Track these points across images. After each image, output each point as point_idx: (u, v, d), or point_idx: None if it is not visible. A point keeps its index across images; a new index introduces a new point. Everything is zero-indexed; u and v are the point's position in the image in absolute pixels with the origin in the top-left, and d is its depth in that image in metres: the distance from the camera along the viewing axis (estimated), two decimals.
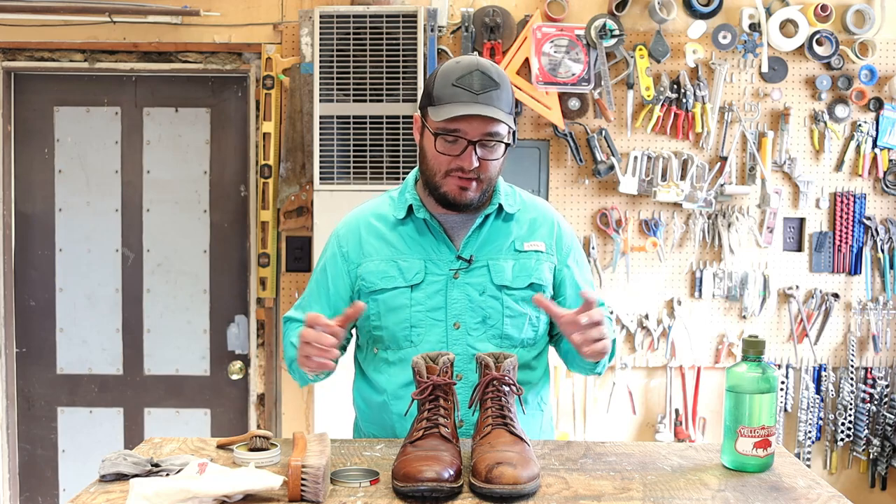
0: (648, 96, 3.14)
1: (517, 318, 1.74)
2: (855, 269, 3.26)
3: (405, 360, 1.71)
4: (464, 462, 1.42)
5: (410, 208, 1.77)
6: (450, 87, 1.66)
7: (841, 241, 3.25)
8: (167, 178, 3.36)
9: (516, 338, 1.75)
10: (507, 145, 1.69)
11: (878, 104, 3.21)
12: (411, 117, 2.62)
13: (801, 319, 3.25)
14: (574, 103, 3.16)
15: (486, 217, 1.77)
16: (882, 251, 3.25)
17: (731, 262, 3.21)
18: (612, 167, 3.15)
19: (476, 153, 1.65)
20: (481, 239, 1.76)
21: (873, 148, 3.23)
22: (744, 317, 3.25)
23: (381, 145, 2.95)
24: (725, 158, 3.18)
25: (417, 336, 1.73)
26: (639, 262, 3.24)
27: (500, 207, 1.78)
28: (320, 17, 2.94)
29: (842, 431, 3.27)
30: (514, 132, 1.73)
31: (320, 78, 2.95)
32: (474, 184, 1.69)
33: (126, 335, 3.39)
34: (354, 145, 2.96)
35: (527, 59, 3.12)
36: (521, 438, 1.43)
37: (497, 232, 1.78)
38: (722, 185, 3.17)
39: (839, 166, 3.24)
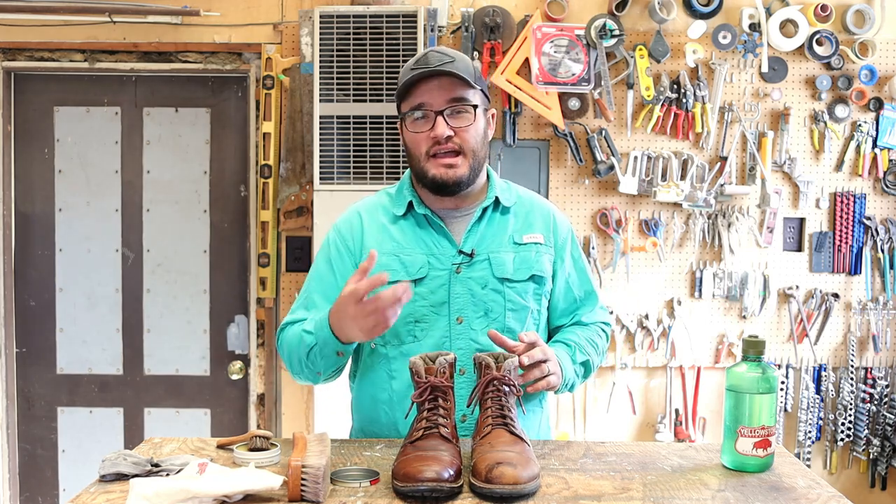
0: (648, 96, 3.14)
1: (519, 312, 1.75)
2: (855, 269, 3.26)
3: (408, 356, 1.70)
4: (464, 462, 1.42)
5: (410, 205, 1.77)
6: (408, 71, 1.71)
7: (841, 241, 3.25)
8: (167, 178, 3.36)
9: (518, 331, 1.75)
10: (476, 107, 1.71)
11: (878, 104, 3.21)
12: None
13: (801, 319, 3.25)
14: (574, 103, 3.16)
15: (484, 210, 1.77)
16: (882, 251, 3.25)
17: (731, 262, 3.21)
18: (612, 167, 3.15)
19: (446, 122, 1.67)
20: (480, 232, 1.77)
21: (873, 148, 3.23)
22: (744, 317, 3.25)
23: (381, 145, 2.96)
24: (725, 158, 3.18)
25: (421, 331, 1.73)
26: (639, 262, 3.24)
27: (497, 200, 1.79)
28: (320, 17, 2.94)
29: (842, 431, 3.27)
30: (485, 102, 1.77)
31: (320, 78, 2.95)
32: (459, 158, 1.70)
33: (126, 335, 3.39)
34: (354, 145, 2.96)
35: (527, 59, 3.12)
36: (521, 438, 1.43)
37: (496, 225, 1.79)
38: (722, 185, 3.17)
39: (839, 166, 3.24)
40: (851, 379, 3.26)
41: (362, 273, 1.54)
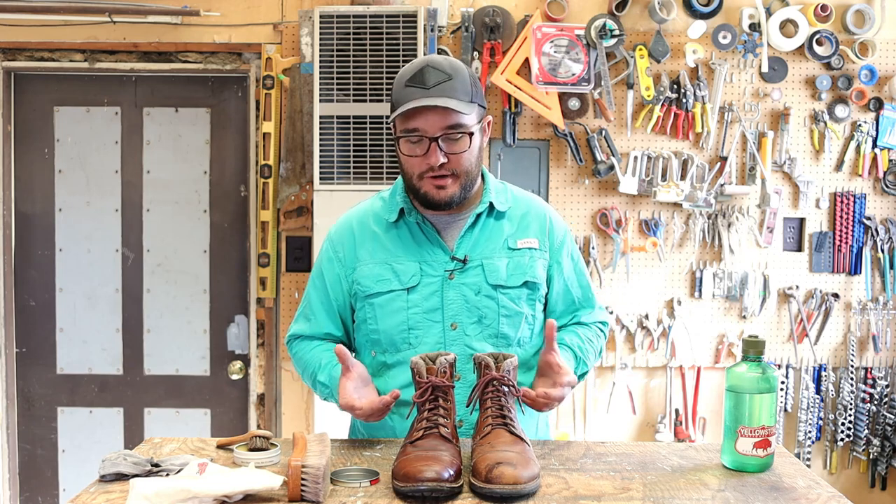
0: (648, 96, 3.14)
1: (513, 317, 1.75)
2: (855, 269, 3.26)
3: (404, 363, 1.71)
4: (464, 462, 1.42)
5: (402, 211, 1.77)
6: (403, 88, 1.66)
7: (841, 241, 3.25)
8: (167, 178, 3.36)
9: (513, 337, 1.75)
10: (472, 134, 1.67)
11: (878, 104, 3.21)
12: None
13: (801, 319, 3.25)
14: (574, 103, 3.16)
15: (478, 216, 1.77)
16: (882, 251, 3.25)
17: (731, 262, 3.21)
18: (612, 167, 3.15)
19: (441, 149, 1.65)
20: (474, 238, 1.76)
21: (873, 148, 3.23)
22: (744, 317, 3.25)
23: (381, 145, 2.96)
24: (725, 158, 3.18)
25: (415, 338, 1.73)
26: (639, 262, 3.24)
27: (491, 206, 1.78)
28: (320, 17, 2.94)
29: (842, 431, 3.27)
30: (481, 113, 1.71)
31: (320, 78, 2.95)
32: (450, 180, 1.68)
33: (126, 335, 3.39)
34: (354, 145, 2.96)
35: (527, 59, 3.12)
36: (521, 438, 1.43)
37: (489, 231, 1.78)
38: (722, 185, 3.17)
39: (839, 166, 3.24)
40: (851, 379, 3.26)
41: (344, 364, 1.61)
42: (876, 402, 3.27)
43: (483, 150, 1.76)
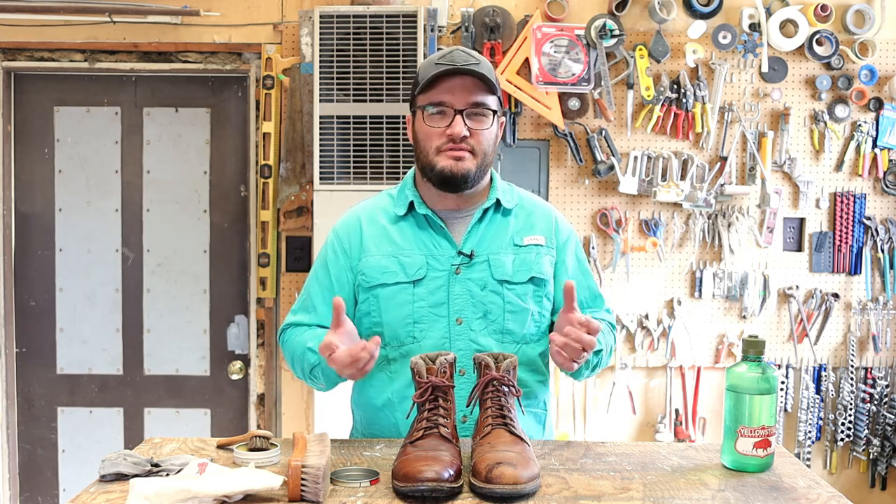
0: (648, 96, 3.14)
1: (518, 314, 1.74)
2: (855, 269, 3.26)
3: (408, 357, 1.70)
4: (464, 462, 1.42)
5: (411, 205, 1.77)
6: (433, 66, 1.71)
7: (841, 241, 3.25)
8: (167, 178, 3.36)
9: (518, 333, 1.75)
10: (495, 112, 1.72)
11: (878, 104, 3.21)
12: None
13: (801, 319, 3.25)
14: (574, 103, 3.16)
15: (485, 212, 1.78)
16: (882, 251, 3.25)
17: (731, 262, 3.21)
18: (612, 167, 3.15)
19: (465, 122, 1.68)
20: (481, 234, 1.77)
21: (873, 148, 3.23)
22: (744, 317, 3.25)
23: (381, 145, 2.96)
24: (725, 158, 3.18)
25: (420, 332, 1.73)
26: (639, 262, 3.24)
27: (498, 202, 1.79)
28: (320, 17, 2.94)
29: (842, 431, 3.27)
30: (500, 109, 1.76)
31: (320, 78, 2.95)
32: (468, 155, 1.70)
33: (126, 335, 3.39)
34: (354, 145, 2.96)
35: (527, 59, 3.12)
36: (521, 438, 1.43)
37: (496, 226, 1.79)
38: (722, 185, 3.17)
39: (839, 166, 3.24)
40: (851, 379, 3.26)
41: (337, 318, 1.56)
42: (876, 402, 3.27)
43: (497, 144, 1.78)
